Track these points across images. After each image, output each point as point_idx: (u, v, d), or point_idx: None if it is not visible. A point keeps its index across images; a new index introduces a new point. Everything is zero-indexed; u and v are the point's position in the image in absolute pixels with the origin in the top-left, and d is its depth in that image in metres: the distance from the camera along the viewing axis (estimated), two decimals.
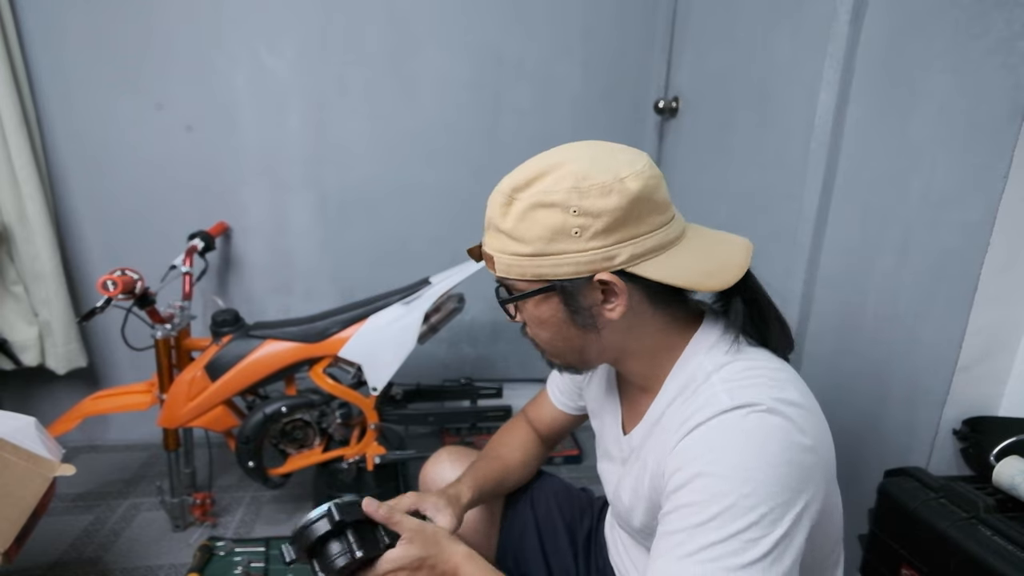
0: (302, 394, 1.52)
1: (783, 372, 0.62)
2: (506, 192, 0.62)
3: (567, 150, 0.63)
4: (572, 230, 0.59)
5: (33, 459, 1.01)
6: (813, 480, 0.55)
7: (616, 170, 0.59)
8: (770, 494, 0.52)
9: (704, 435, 0.57)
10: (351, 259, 1.96)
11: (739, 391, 0.58)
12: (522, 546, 0.94)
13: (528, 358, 2.13)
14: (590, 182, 0.58)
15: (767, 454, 0.54)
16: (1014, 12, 0.83)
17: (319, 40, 1.77)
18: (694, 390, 0.62)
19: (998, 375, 0.94)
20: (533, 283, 0.63)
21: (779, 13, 1.33)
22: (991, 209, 0.86)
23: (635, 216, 0.59)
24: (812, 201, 1.21)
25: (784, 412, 0.56)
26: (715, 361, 0.63)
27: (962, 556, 0.75)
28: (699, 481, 0.55)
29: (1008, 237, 0.87)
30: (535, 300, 0.64)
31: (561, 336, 0.66)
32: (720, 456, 0.55)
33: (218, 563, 1.18)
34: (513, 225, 0.61)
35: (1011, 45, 0.84)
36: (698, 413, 0.58)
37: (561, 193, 0.59)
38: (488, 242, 0.66)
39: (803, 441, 0.55)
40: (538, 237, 0.60)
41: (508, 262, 0.63)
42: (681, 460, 0.57)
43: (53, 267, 1.70)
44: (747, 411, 0.56)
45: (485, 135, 1.91)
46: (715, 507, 0.53)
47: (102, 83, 1.71)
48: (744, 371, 0.61)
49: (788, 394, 0.58)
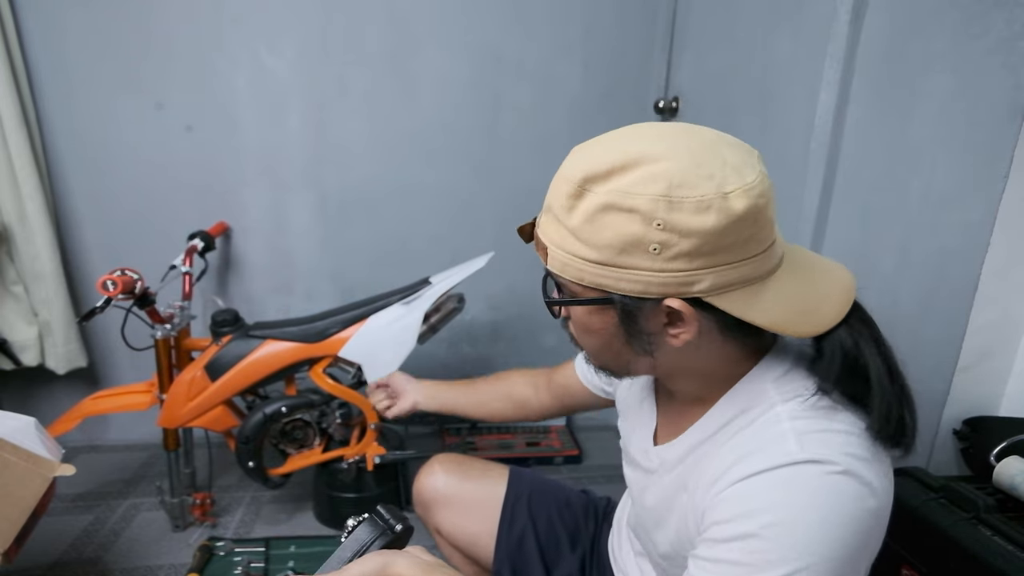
0: (302, 394, 1.52)
1: (851, 414, 0.53)
2: (576, 181, 0.51)
3: (661, 138, 0.51)
4: (651, 246, 0.49)
5: (33, 459, 1.01)
6: (871, 546, 0.51)
7: (721, 181, 0.48)
8: (827, 570, 0.47)
9: (764, 488, 0.50)
10: (351, 259, 1.96)
11: (812, 437, 0.50)
12: (521, 556, 0.91)
13: (528, 358, 2.13)
14: (685, 192, 0.48)
15: (833, 526, 0.47)
16: (1014, 12, 0.83)
17: (319, 40, 1.77)
18: (753, 419, 0.55)
19: (998, 375, 0.94)
20: (590, 290, 0.53)
21: (779, 13, 1.33)
22: (991, 209, 0.86)
23: (731, 241, 0.49)
24: (812, 201, 1.21)
25: (858, 473, 0.48)
26: (783, 393, 0.55)
27: (962, 556, 0.75)
28: (751, 542, 0.48)
29: (1008, 237, 0.87)
30: (588, 309, 0.56)
31: (610, 349, 0.58)
32: (780, 519, 0.48)
33: (218, 563, 1.18)
34: (579, 224, 0.51)
35: (1011, 45, 0.84)
36: (760, 455, 0.51)
37: (646, 199, 0.48)
38: (545, 230, 0.56)
39: (872, 505, 0.49)
40: (607, 245, 0.50)
41: (565, 260, 0.53)
42: (733, 510, 0.51)
43: (53, 267, 1.70)
44: (819, 470, 0.48)
45: (485, 135, 1.91)
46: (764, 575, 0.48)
47: (102, 83, 1.71)
48: (814, 407, 0.53)
49: (856, 446, 0.50)
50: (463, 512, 0.96)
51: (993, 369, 0.93)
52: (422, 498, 0.98)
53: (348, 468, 1.55)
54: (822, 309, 0.54)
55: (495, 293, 2.02)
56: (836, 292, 0.55)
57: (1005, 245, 0.87)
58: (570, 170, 0.52)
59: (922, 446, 0.98)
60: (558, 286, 0.57)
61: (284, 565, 1.16)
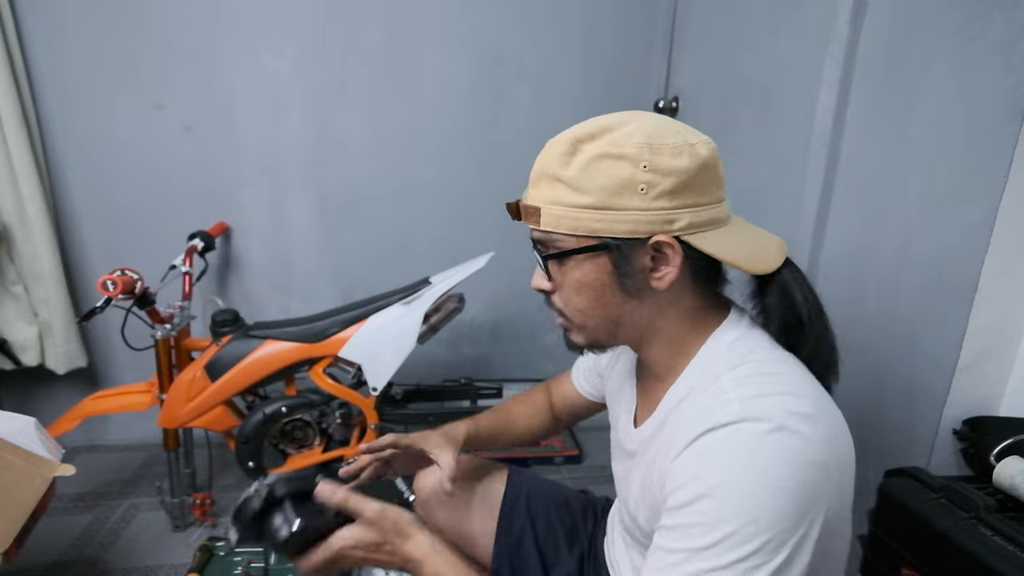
0: (302, 394, 1.52)
1: (795, 376, 0.59)
2: (569, 141, 0.59)
3: (628, 114, 0.61)
4: (639, 186, 0.57)
5: (33, 459, 1.01)
6: (820, 498, 0.53)
7: (685, 135, 0.58)
8: (774, 521, 0.51)
9: (710, 450, 0.54)
10: (351, 259, 1.96)
11: (751, 400, 0.55)
12: (519, 555, 0.91)
13: (528, 358, 2.13)
14: (662, 141, 0.57)
15: (775, 479, 0.51)
16: (1014, 12, 0.83)
17: (319, 40, 1.77)
18: (706, 387, 0.60)
19: (998, 375, 0.94)
20: (583, 239, 0.59)
21: (779, 13, 1.33)
22: (991, 209, 0.86)
23: (700, 183, 0.58)
24: (812, 201, 1.21)
25: (795, 428, 0.53)
26: (731, 358, 0.60)
27: (962, 556, 0.75)
28: (703, 503, 0.53)
29: (1008, 237, 0.87)
30: (580, 258, 0.61)
31: (600, 302, 0.63)
32: (725, 478, 0.52)
33: (218, 563, 1.18)
34: (577, 173, 0.58)
35: (1011, 45, 0.84)
36: (705, 417, 0.56)
37: (632, 147, 0.57)
38: (535, 194, 0.62)
39: (814, 459, 0.53)
40: (602, 188, 0.57)
41: (560, 214, 0.59)
42: (685, 475, 0.55)
43: (53, 267, 1.70)
44: (756, 426, 0.53)
45: (485, 135, 1.91)
46: (717, 533, 0.51)
47: (102, 83, 1.71)
48: (757, 374, 0.58)
49: (798, 405, 0.54)
50: (462, 512, 0.96)
51: (993, 369, 0.93)
52: (421, 497, 0.98)
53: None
54: (767, 254, 0.63)
55: (495, 293, 2.02)
56: (773, 246, 0.65)
57: (1005, 245, 0.87)
58: (560, 137, 0.60)
59: (922, 446, 0.98)
60: (548, 246, 0.62)
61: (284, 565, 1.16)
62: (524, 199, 0.64)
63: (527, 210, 0.63)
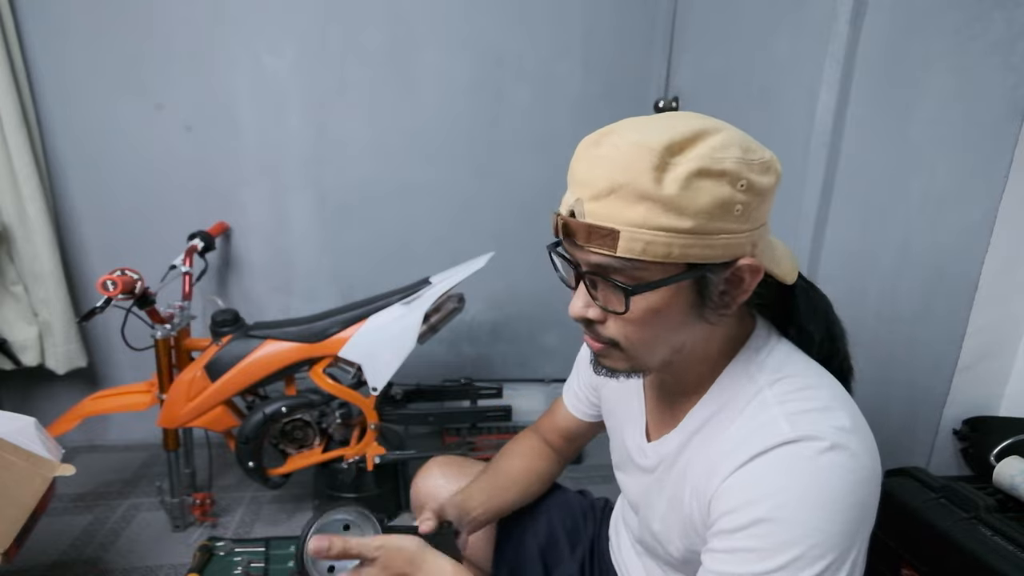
0: (302, 394, 1.52)
1: (829, 388, 0.57)
2: (658, 151, 0.48)
3: (701, 116, 0.54)
4: (736, 207, 0.50)
5: (33, 459, 1.01)
6: (871, 512, 0.53)
7: (762, 149, 0.53)
8: (837, 543, 0.50)
9: (766, 472, 0.52)
10: (351, 259, 1.96)
11: (798, 418, 0.53)
12: (520, 558, 0.90)
13: (528, 358, 2.13)
14: (752, 156, 0.51)
15: (835, 500, 0.50)
16: (1014, 12, 0.83)
17: (319, 40, 1.77)
18: (744, 404, 0.57)
19: (998, 375, 0.94)
20: (669, 267, 0.51)
21: (779, 13, 1.33)
22: (991, 209, 0.86)
23: (771, 201, 0.55)
24: (812, 201, 1.21)
25: (845, 444, 0.51)
26: (768, 373, 0.58)
27: (962, 556, 0.75)
28: (762, 527, 0.50)
29: (1008, 237, 0.87)
30: (669, 288, 0.53)
31: (671, 332, 0.56)
32: (786, 500, 0.50)
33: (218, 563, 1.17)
34: (676, 192, 0.48)
35: (1011, 45, 0.84)
36: (755, 439, 0.53)
37: (731, 162, 0.49)
38: (607, 212, 0.50)
39: (863, 474, 0.52)
40: (702, 210, 0.49)
41: (649, 239, 0.49)
42: (738, 498, 0.53)
43: (53, 267, 1.70)
44: (811, 446, 0.51)
45: (485, 135, 1.91)
46: (782, 557, 0.49)
47: (102, 83, 1.71)
48: (797, 389, 0.56)
49: (840, 419, 0.53)
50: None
51: (993, 369, 0.93)
52: (419, 501, 0.97)
53: (348, 468, 1.55)
54: (791, 261, 0.61)
55: (495, 293, 2.02)
56: (787, 250, 0.63)
57: (1005, 245, 0.87)
58: (646, 142, 0.49)
59: (922, 446, 0.98)
60: (612, 272, 0.52)
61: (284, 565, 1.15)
62: (584, 214, 0.52)
63: (595, 231, 0.51)
